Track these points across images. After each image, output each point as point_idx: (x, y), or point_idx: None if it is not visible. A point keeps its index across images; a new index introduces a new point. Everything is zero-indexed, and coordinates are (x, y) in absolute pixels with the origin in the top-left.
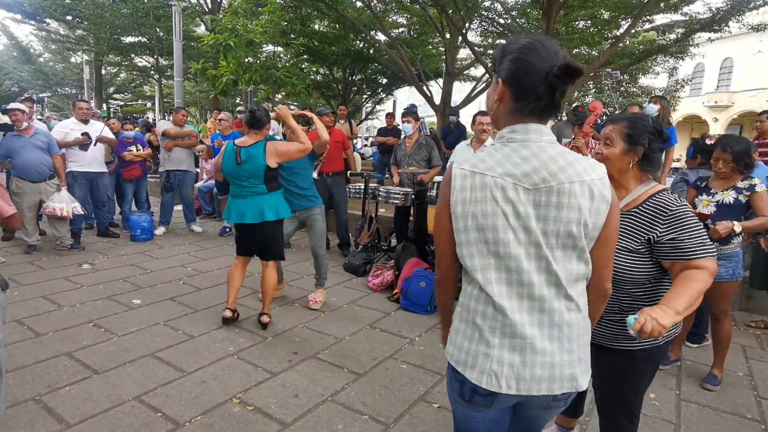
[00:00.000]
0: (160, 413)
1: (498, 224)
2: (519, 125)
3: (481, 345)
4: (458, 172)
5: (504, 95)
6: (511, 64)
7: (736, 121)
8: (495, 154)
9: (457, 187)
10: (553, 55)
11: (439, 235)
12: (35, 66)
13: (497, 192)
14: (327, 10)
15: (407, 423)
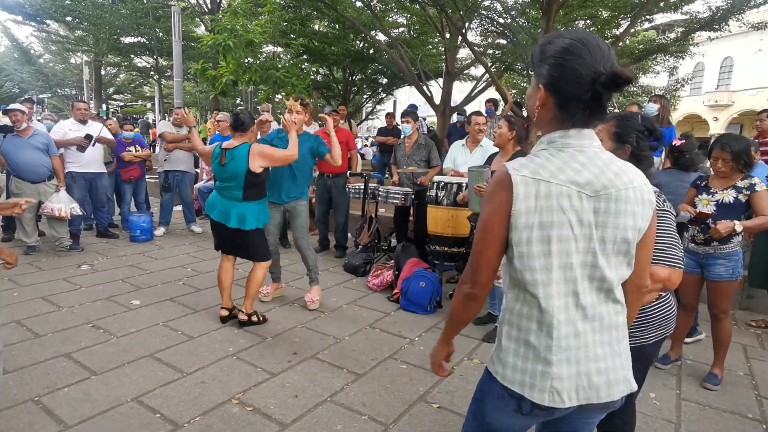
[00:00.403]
0: (159, 414)
1: (563, 235)
2: (573, 130)
3: (538, 364)
4: (519, 179)
5: (546, 102)
6: (552, 70)
7: (737, 120)
8: (553, 160)
9: (521, 195)
10: (598, 59)
11: (486, 245)
12: (35, 67)
13: (564, 200)
14: (327, 10)
15: (407, 423)
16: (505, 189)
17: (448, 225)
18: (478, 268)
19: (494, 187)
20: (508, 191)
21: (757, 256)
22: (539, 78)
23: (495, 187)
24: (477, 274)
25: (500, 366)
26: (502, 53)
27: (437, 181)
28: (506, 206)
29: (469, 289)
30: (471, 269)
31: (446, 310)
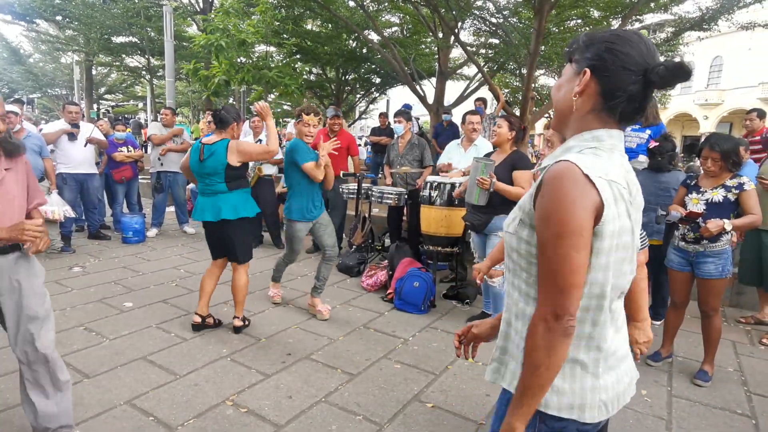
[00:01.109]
0: (152, 417)
1: (628, 241)
2: (614, 130)
3: (586, 380)
4: (600, 182)
5: (589, 89)
6: (606, 53)
7: (726, 118)
8: (609, 160)
9: (610, 198)
10: (653, 51)
11: (580, 258)
12: (25, 67)
13: (627, 204)
14: (319, 10)
15: (401, 423)
16: (589, 189)
17: (442, 225)
18: (573, 288)
19: (573, 185)
20: (592, 193)
21: (747, 253)
22: (582, 62)
23: (574, 185)
24: (570, 297)
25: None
26: (494, 53)
27: (430, 181)
28: (594, 209)
29: (567, 322)
30: (560, 295)
31: (441, 310)
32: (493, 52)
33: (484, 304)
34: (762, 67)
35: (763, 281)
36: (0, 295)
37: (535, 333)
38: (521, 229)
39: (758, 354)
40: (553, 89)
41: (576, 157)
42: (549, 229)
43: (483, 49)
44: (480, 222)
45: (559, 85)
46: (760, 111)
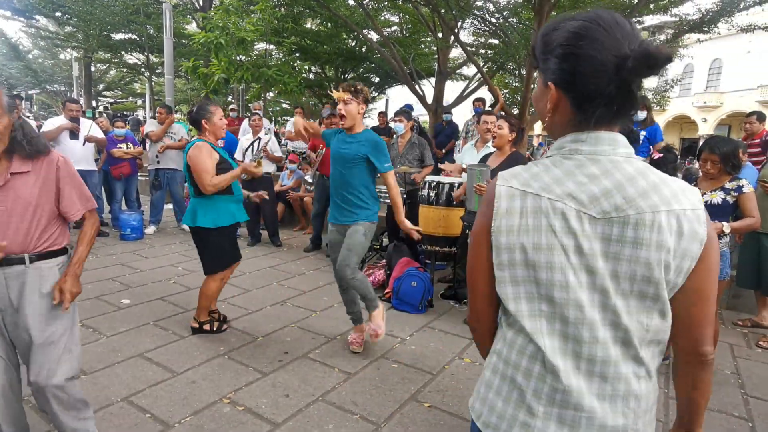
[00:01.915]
0: (149, 414)
1: (554, 261)
2: (587, 133)
3: (520, 410)
4: (504, 190)
5: (559, 103)
6: (562, 62)
7: (725, 121)
8: (553, 169)
9: (502, 209)
10: (621, 38)
11: (473, 267)
12: (24, 63)
13: (555, 219)
14: (319, 9)
15: (398, 422)
16: (490, 201)
17: (440, 225)
18: (471, 295)
19: (484, 200)
20: (491, 204)
21: (745, 256)
22: (546, 74)
23: (485, 200)
24: (471, 302)
25: (478, 402)
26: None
27: (429, 180)
28: (490, 221)
29: (469, 320)
30: (468, 298)
31: (438, 310)
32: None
33: None
34: (761, 70)
35: (761, 284)
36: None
37: None
38: None
39: (755, 357)
40: (533, 99)
41: (512, 170)
42: None
43: (482, 49)
44: None
45: (536, 97)
46: (760, 114)
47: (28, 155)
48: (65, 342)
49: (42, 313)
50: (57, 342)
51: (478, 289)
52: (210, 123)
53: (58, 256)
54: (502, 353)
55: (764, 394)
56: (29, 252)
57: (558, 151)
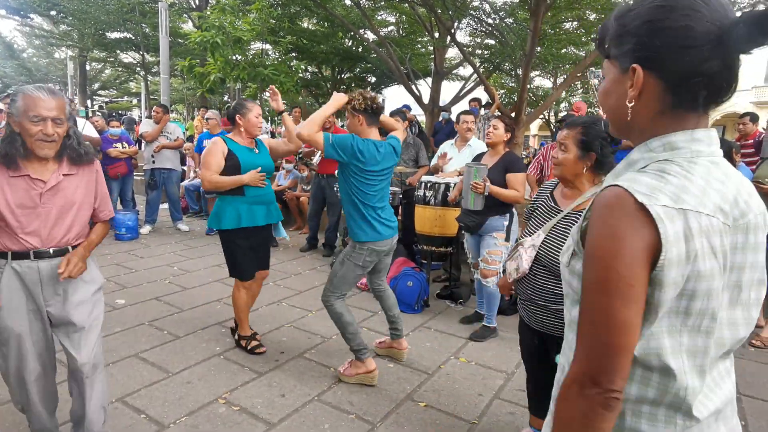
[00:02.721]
0: (144, 415)
1: (713, 288)
2: (700, 131)
3: None
4: (662, 211)
5: (648, 87)
6: (653, 37)
7: (719, 122)
8: (693, 179)
9: (671, 236)
10: (718, 6)
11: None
12: (19, 61)
13: (715, 239)
14: (315, 8)
15: (394, 422)
16: (642, 225)
17: (436, 225)
18: (619, 351)
19: (620, 219)
20: (647, 229)
21: None
22: (625, 57)
23: (621, 219)
24: (617, 362)
25: None
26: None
27: (425, 180)
28: (649, 250)
29: (606, 392)
30: (602, 357)
31: (434, 310)
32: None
33: (477, 304)
34: (755, 72)
35: None
36: (45, 300)
37: (567, 396)
38: (576, 262)
39: (748, 356)
40: (600, 96)
41: (631, 179)
42: (591, 271)
43: (479, 49)
44: (474, 223)
45: (605, 91)
46: (753, 115)
47: (77, 160)
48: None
49: (87, 299)
50: (98, 326)
51: (634, 342)
52: (244, 119)
53: None
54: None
55: (757, 392)
56: (71, 245)
57: (675, 153)
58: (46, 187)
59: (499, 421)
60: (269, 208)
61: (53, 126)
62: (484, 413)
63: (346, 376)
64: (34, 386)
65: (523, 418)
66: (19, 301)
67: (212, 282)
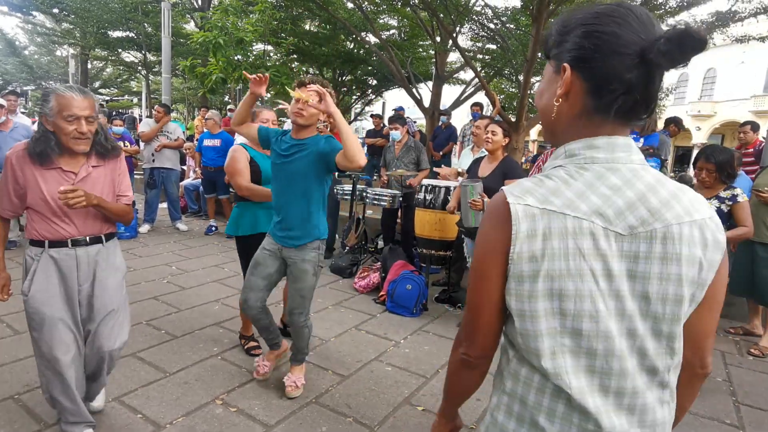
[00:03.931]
0: (140, 415)
1: (584, 289)
2: (601, 139)
3: None
4: (522, 209)
5: (574, 88)
6: (584, 39)
7: (719, 130)
8: (572, 182)
9: (522, 232)
10: (647, 22)
11: (482, 297)
12: (20, 59)
13: (584, 241)
14: (318, 11)
15: (391, 426)
16: (502, 223)
17: (436, 228)
18: (474, 327)
19: (488, 218)
20: (505, 226)
21: (738, 264)
22: (560, 57)
23: (489, 218)
24: (473, 334)
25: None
26: (491, 58)
27: (425, 184)
28: (504, 246)
29: (464, 354)
30: (464, 328)
31: (433, 313)
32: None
33: None
34: (754, 81)
35: (754, 292)
36: (79, 285)
37: (452, 354)
38: None
39: (747, 364)
40: (536, 97)
41: (516, 184)
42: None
43: (480, 54)
44: (475, 230)
45: (539, 91)
46: (754, 124)
47: (104, 154)
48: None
49: (116, 283)
50: (124, 309)
51: (485, 323)
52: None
53: (115, 236)
54: (516, 393)
55: (755, 401)
56: (103, 233)
57: (570, 159)
58: (77, 179)
59: None
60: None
61: (87, 124)
62: (482, 418)
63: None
64: (71, 369)
65: None
66: (54, 288)
67: (210, 282)
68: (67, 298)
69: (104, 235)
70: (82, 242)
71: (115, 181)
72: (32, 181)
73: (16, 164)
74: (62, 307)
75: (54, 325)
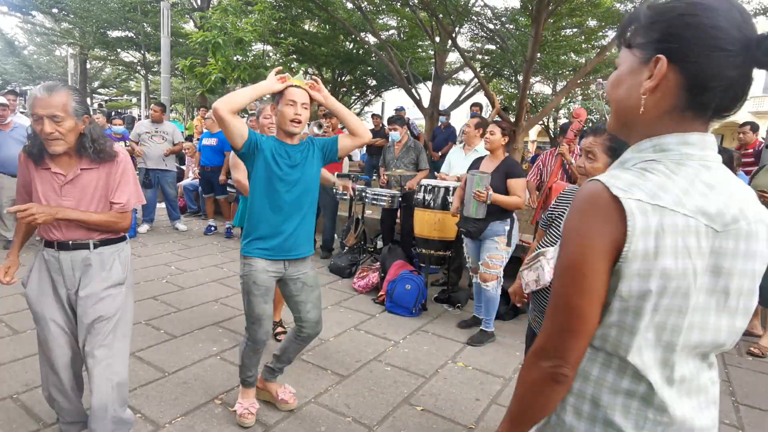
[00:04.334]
0: (140, 414)
1: (681, 287)
2: (694, 135)
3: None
4: (635, 205)
5: (667, 82)
6: (686, 30)
7: (718, 131)
8: (675, 179)
9: (638, 230)
10: (748, 18)
11: (583, 298)
12: (19, 58)
13: (691, 239)
14: (317, 11)
15: (390, 426)
16: (610, 218)
17: (435, 228)
18: (574, 333)
19: (590, 212)
20: (613, 221)
21: None
22: (650, 46)
23: (591, 212)
24: (568, 343)
25: None
26: (491, 59)
27: (425, 184)
28: (611, 242)
29: (555, 367)
30: (557, 337)
31: (432, 313)
32: (489, 58)
33: (475, 309)
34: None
35: None
36: (67, 290)
37: (527, 365)
38: None
39: (746, 365)
40: (609, 85)
41: (612, 176)
42: (559, 258)
43: (479, 54)
44: (476, 229)
45: (616, 80)
46: (754, 124)
47: (94, 158)
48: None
49: (104, 293)
50: (112, 317)
51: (590, 327)
52: (257, 122)
53: (118, 243)
54: (586, 393)
55: (755, 402)
56: (93, 239)
57: (663, 154)
58: (65, 180)
59: (497, 426)
60: None
61: (51, 124)
62: (481, 418)
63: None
64: (66, 370)
65: None
66: (46, 287)
67: (209, 282)
68: (58, 299)
69: (93, 241)
70: (65, 246)
71: (110, 185)
72: (31, 179)
73: (23, 162)
74: (54, 308)
75: (46, 324)
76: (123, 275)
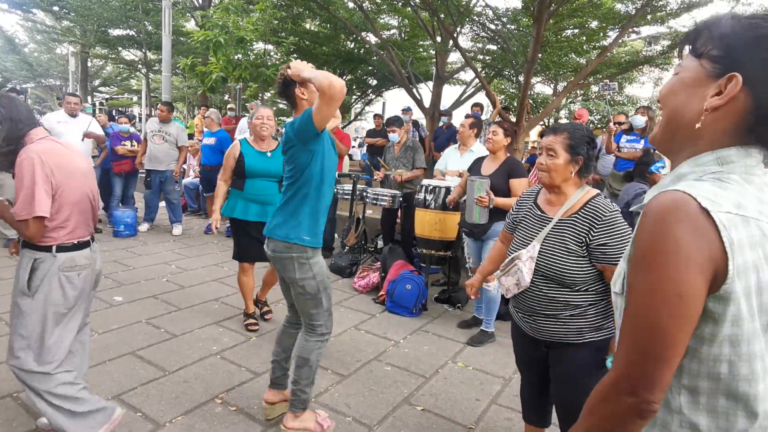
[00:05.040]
0: (140, 413)
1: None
2: (754, 148)
3: None
4: (725, 218)
5: (736, 103)
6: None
7: None
8: (749, 188)
9: (736, 244)
10: None
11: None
12: (20, 56)
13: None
14: (319, 10)
15: (390, 425)
16: (704, 231)
17: (436, 228)
18: (662, 364)
19: (678, 224)
20: (709, 236)
21: None
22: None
23: (680, 224)
24: (657, 373)
25: None
26: (492, 59)
27: (425, 184)
28: (705, 259)
29: (641, 401)
30: (642, 367)
31: (432, 313)
32: (490, 58)
33: (475, 309)
34: None
35: None
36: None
37: (604, 398)
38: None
39: None
40: (666, 91)
41: (690, 186)
42: (639, 275)
43: (481, 54)
44: (479, 229)
45: (674, 89)
46: None
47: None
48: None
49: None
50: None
51: (677, 357)
52: (251, 123)
53: (40, 252)
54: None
55: None
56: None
57: (729, 167)
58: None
59: (497, 427)
60: (264, 208)
61: None
62: (481, 418)
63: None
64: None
65: (521, 424)
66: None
67: (210, 281)
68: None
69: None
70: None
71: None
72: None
73: None
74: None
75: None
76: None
